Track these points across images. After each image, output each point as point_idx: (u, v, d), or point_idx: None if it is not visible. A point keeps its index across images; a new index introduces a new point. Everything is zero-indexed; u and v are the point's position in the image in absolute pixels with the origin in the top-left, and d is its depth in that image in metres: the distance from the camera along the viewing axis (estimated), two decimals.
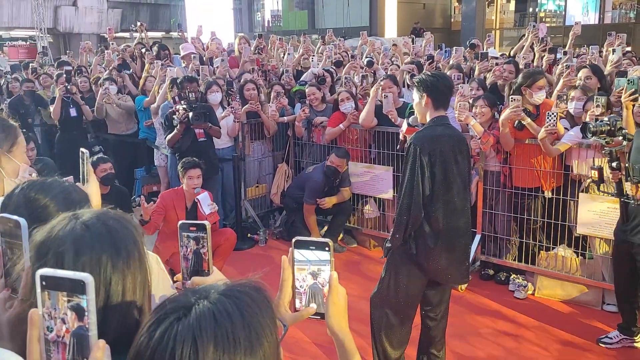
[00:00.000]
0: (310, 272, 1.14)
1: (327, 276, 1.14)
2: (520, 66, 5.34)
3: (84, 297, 0.81)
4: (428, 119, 2.92)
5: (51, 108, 6.91)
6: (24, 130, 2.05)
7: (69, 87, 6.04)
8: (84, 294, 0.81)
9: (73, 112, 6.02)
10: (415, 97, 2.97)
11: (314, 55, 7.46)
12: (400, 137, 4.13)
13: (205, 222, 1.29)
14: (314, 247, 1.14)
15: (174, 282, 1.59)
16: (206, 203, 4.13)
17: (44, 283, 0.82)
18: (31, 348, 0.85)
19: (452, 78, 4.36)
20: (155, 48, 7.25)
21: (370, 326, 3.15)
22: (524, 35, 7.47)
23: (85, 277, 0.81)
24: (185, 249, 1.30)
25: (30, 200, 1.31)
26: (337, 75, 6.58)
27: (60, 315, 0.82)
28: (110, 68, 7.15)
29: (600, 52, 6.17)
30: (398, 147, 4.77)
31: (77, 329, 0.82)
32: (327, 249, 1.14)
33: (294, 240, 1.16)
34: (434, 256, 2.89)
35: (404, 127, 4.07)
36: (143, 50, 7.33)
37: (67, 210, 1.22)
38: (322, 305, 1.15)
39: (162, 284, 1.48)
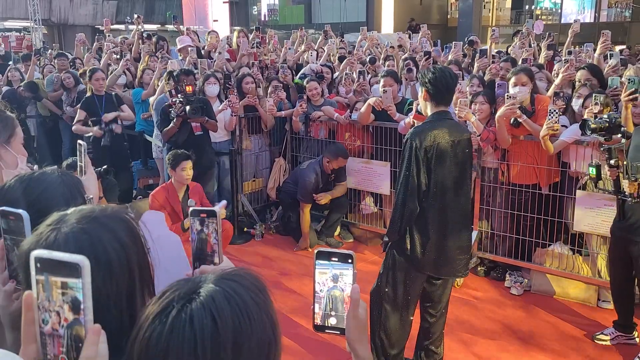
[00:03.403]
0: (331, 275, 1.10)
1: (349, 281, 1.09)
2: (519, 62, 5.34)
3: (79, 281, 0.77)
4: (429, 113, 2.92)
5: (47, 102, 6.89)
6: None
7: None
8: (80, 277, 0.77)
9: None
10: (420, 90, 2.98)
11: (313, 51, 7.42)
12: (410, 122, 4.13)
13: (215, 209, 1.27)
14: (336, 259, 1.10)
15: None
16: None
17: (38, 265, 0.79)
18: (26, 331, 0.83)
19: None
20: (153, 39, 7.19)
21: (369, 322, 3.12)
22: (518, 30, 7.47)
23: (81, 260, 0.77)
24: (191, 230, 1.28)
25: (28, 191, 1.29)
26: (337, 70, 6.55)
27: (55, 308, 0.79)
28: (115, 59, 7.09)
29: (595, 50, 6.16)
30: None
31: (72, 322, 0.79)
32: (350, 260, 1.09)
33: (316, 251, 1.12)
34: (429, 249, 2.88)
35: (409, 118, 4.08)
36: (144, 42, 7.25)
37: (65, 201, 1.20)
38: (342, 319, 1.11)
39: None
